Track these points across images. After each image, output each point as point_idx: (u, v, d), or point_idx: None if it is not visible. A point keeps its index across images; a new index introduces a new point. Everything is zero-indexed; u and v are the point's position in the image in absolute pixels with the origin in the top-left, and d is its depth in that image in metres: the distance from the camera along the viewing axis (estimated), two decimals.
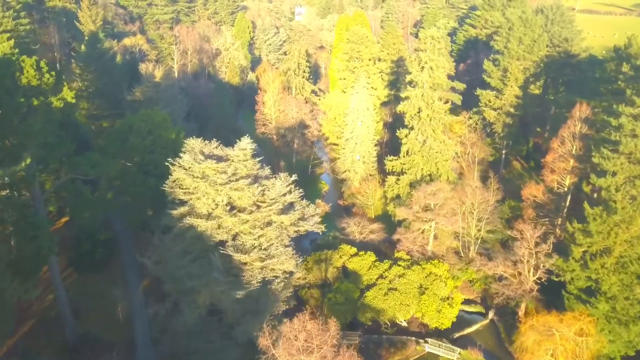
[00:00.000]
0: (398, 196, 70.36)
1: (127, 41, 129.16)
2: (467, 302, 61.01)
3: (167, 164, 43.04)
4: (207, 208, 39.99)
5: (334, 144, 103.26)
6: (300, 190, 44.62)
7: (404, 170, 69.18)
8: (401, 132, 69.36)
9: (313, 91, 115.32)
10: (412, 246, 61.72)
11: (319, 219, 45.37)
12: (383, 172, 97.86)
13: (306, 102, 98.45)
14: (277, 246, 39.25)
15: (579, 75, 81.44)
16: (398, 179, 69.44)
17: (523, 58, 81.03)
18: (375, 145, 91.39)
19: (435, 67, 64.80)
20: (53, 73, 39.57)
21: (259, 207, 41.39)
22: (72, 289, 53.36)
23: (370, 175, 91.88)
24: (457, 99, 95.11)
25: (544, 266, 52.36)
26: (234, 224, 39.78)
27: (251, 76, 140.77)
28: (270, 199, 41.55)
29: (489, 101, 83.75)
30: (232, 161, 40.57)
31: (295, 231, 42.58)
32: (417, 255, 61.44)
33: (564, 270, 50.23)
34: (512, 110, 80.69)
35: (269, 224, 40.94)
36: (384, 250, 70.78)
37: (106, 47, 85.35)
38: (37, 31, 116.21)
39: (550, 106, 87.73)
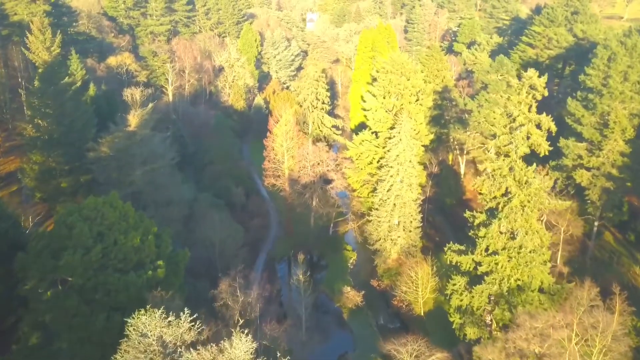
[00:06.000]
0: (469, 308, 48.72)
1: (111, 61, 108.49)
2: None
3: None
4: None
5: (363, 197, 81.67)
6: None
7: (479, 272, 47.38)
8: (476, 218, 47.53)
9: (334, 126, 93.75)
10: None
11: None
12: (428, 238, 76.38)
13: (328, 148, 76.88)
14: None
15: None
16: (470, 287, 47.70)
17: (630, 100, 59.19)
18: (419, 205, 69.77)
19: (534, 132, 43.17)
20: None
21: None
22: None
23: (413, 246, 70.13)
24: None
25: None
26: None
27: (258, 99, 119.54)
28: None
29: (579, 157, 61.88)
30: None
31: None
32: None
33: None
34: (614, 172, 58.79)
35: None
36: None
37: (68, 81, 64.13)
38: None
39: None
